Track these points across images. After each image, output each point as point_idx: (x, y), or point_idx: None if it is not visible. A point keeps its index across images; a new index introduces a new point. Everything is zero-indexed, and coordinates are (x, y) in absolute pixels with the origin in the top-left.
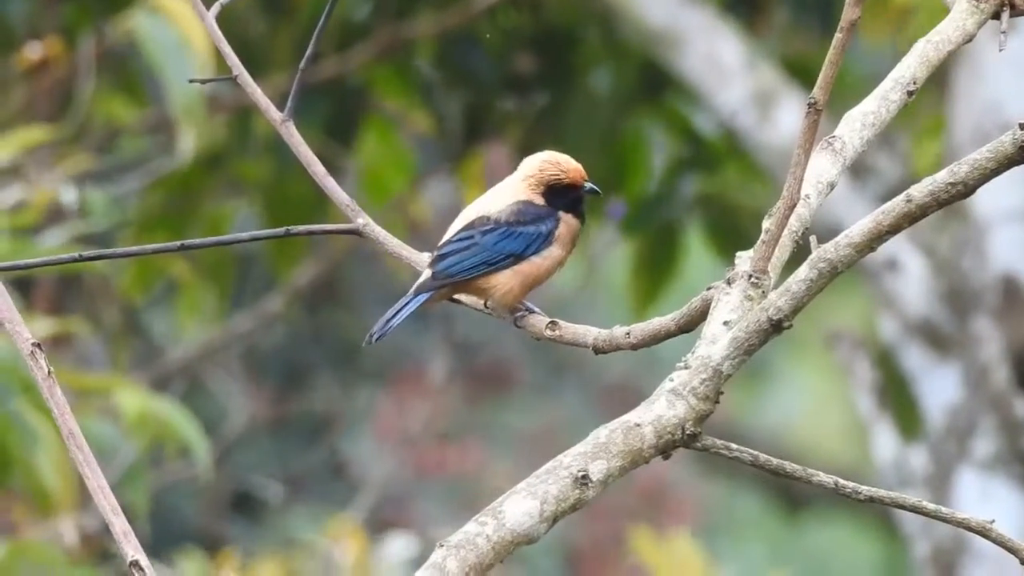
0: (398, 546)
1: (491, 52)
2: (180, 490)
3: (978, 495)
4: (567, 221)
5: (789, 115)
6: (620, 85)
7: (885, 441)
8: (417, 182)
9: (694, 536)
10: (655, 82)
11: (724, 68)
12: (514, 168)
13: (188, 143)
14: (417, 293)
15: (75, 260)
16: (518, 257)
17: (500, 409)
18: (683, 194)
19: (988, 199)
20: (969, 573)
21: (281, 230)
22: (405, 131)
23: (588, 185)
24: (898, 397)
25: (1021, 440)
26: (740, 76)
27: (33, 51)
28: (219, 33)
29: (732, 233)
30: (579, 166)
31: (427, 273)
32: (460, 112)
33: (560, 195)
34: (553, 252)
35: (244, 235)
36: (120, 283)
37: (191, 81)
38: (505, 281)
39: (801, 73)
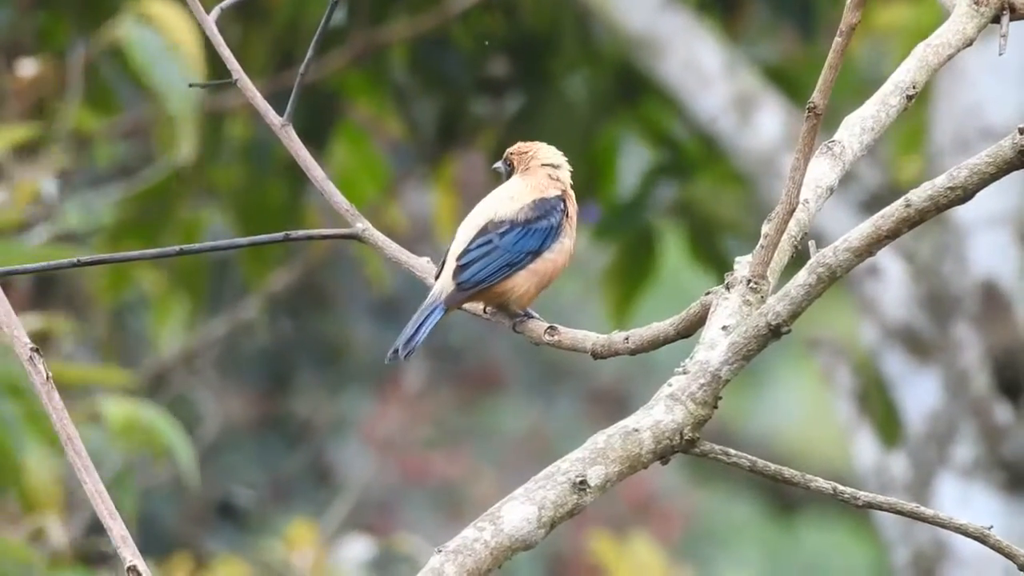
0: (357, 549)
1: (465, 56)
2: (161, 495)
3: (958, 501)
4: (570, 201)
5: (769, 120)
6: (596, 90)
7: (865, 447)
8: (390, 188)
9: (687, 542)
10: (631, 87)
11: (704, 73)
12: (488, 173)
13: (187, 147)
14: (439, 305)
15: (74, 265)
16: (535, 254)
17: (488, 414)
18: (659, 200)
19: (969, 205)
20: None
21: (280, 235)
22: (378, 136)
23: None
24: (878, 403)
25: (1001, 446)
26: (720, 81)
27: (26, 69)
28: (220, 38)
29: (707, 240)
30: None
31: (448, 284)
32: (434, 117)
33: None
34: (564, 244)
35: (242, 240)
36: (90, 287)
37: (191, 86)
38: (523, 282)
39: (780, 78)
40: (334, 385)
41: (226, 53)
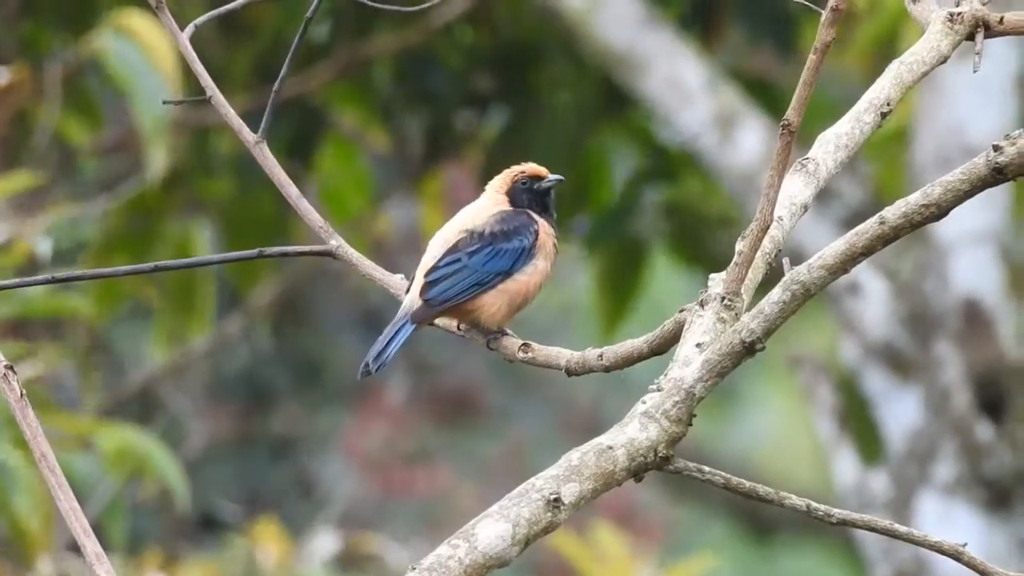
0: (320, 545)
1: (450, 71)
2: (145, 511)
3: (939, 519)
4: (544, 229)
5: (751, 136)
6: (582, 102)
7: (846, 465)
8: (377, 201)
9: (664, 555)
10: (617, 97)
11: (685, 90)
12: (476, 186)
13: (158, 162)
14: (407, 321)
15: (49, 281)
16: (506, 275)
17: (464, 431)
18: (646, 204)
19: (951, 222)
20: None
21: (254, 252)
22: (365, 150)
23: (551, 177)
24: (859, 421)
25: (982, 464)
26: (701, 98)
27: (1, 76)
28: (193, 54)
29: (695, 241)
30: (537, 166)
31: (416, 300)
32: (419, 131)
33: (527, 191)
34: (538, 265)
35: (215, 257)
36: (81, 306)
37: (165, 103)
38: (492, 301)
39: (761, 94)
40: (315, 401)
41: (200, 69)
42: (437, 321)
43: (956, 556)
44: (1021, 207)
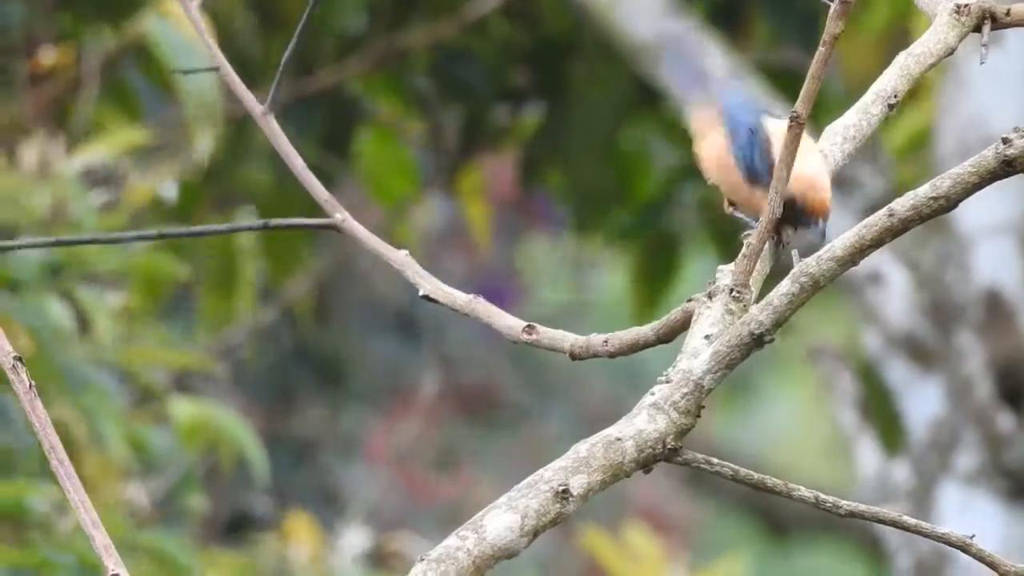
0: (353, 540)
1: (486, 64)
2: (172, 509)
3: (960, 509)
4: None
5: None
6: (616, 95)
7: (868, 455)
8: (422, 189)
9: (685, 555)
10: (650, 92)
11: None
12: (514, 181)
13: (204, 146)
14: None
15: (51, 244)
16: None
17: (488, 430)
18: (683, 199)
19: (972, 213)
20: None
21: (260, 223)
22: (404, 140)
23: (820, 225)
24: (881, 411)
25: (1003, 454)
26: None
27: (46, 56)
28: (201, 24)
29: (732, 237)
30: (826, 202)
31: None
32: (456, 124)
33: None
34: None
35: (222, 227)
36: (177, 269)
37: (172, 72)
38: None
39: (786, 86)
40: (339, 402)
41: (208, 40)
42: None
43: (964, 548)
44: None
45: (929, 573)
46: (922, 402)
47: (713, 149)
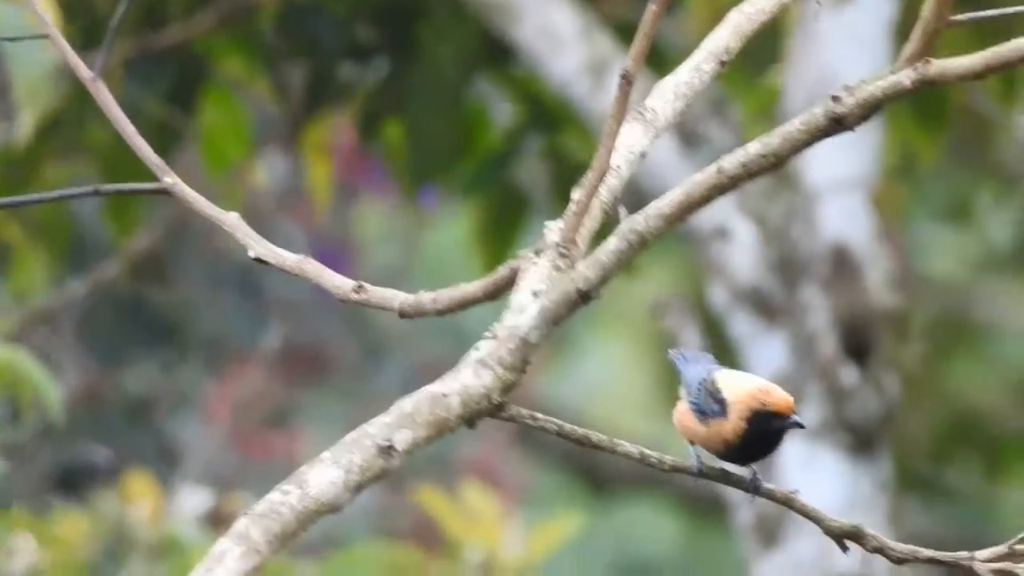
0: (192, 500)
1: (334, 19)
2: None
3: (804, 463)
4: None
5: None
6: (463, 52)
7: None
8: (255, 152)
9: (515, 511)
10: (496, 49)
11: (558, 37)
12: (356, 137)
13: (26, 126)
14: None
15: None
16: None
17: (321, 390)
18: (525, 154)
19: (820, 168)
20: (793, 540)
21: (89, 189)
22: (247, 100)
23: (794, 417)
24: (725, 365)
25: (847, 408)
26: (574, 46)
27: None
28: None
29: (572, 185)
30: (790, 399)
31: None
32: (302, 81)
33: (763, 422)
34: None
35: (51, 195)
36: None
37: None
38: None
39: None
40: (177, 359)
41: (35, 5)
42: None
43: (787, 503)
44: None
45: (770, 527)
46: (767, 356)
47: (678, 412)
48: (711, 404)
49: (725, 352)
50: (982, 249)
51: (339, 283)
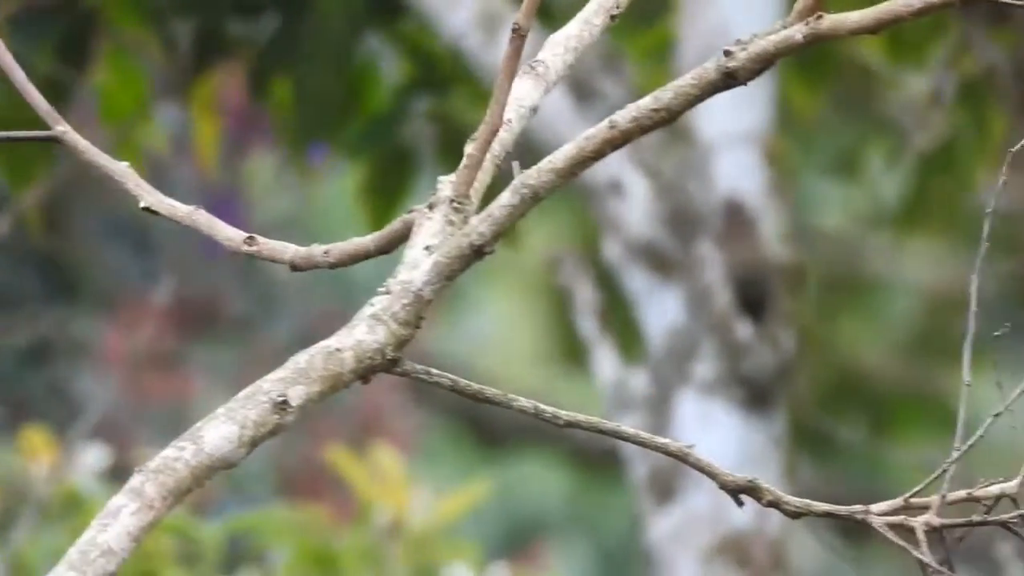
0: (92, 457)
1: None
2: None
3: (698, 418)
4: None
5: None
6: (352, 7)
7: (606, 364)
8: (149, 107)
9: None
10: (389, 3)
11: None
12: (246, 93)
13: None
14: None
15: None
16: None
17: (215, 342)
18: (414, 113)
19: (715, 122)
20: (688, 493)
21: None
22: (139, 56)
23: None
24: (619, 320)
25: (741, 363)
26: (467, 0)
27: None
28: None
29: (459, 148)
30: None
31: None
32: (190, 37)
33: None
34: None
35: None
36: None
37: None
38: None
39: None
40: (71, 308)
41: None
42: None
43: (682, 457)
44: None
45: (664, 482)
46: (661, 311)
47: None
48: None
49: (620, 307)
50: (871, 204)
51: (231, 235)
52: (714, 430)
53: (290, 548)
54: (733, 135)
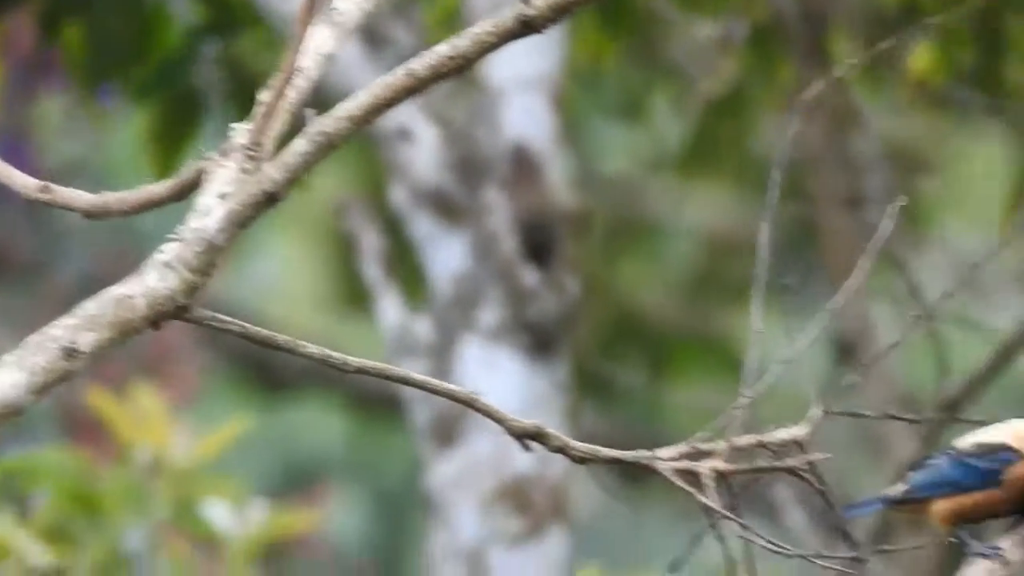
0: None
1: None
2: None
3: (483, 364)
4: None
5: None
6: None
7: (391, 310)
8: None
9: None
10: None
11: None
12: (35, 35)
13: None
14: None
15: None
16: (956, 487)
17: (2, 288)
18: (205, 56)
19: (503, 68)
20: (471, 437)
21: None
22: None
23: None
24: (405, 266)
25: (526, 309)
26: None
27: None
28: None
29: (251, 98)
30: None
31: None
32: None
33: None
34: (993, 493)
35: None
36: None
37: None
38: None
39: None
40: None
41: None
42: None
43: (470, 403)
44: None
45: (446, 427)
46: (447, 257)
47: (940, 510)
48: (988, 463)
49: (406, 253)
50: (655, 149)
51: (25, 182)
52: (497, 376)
53: (51, 490)
54: (522, 81)
